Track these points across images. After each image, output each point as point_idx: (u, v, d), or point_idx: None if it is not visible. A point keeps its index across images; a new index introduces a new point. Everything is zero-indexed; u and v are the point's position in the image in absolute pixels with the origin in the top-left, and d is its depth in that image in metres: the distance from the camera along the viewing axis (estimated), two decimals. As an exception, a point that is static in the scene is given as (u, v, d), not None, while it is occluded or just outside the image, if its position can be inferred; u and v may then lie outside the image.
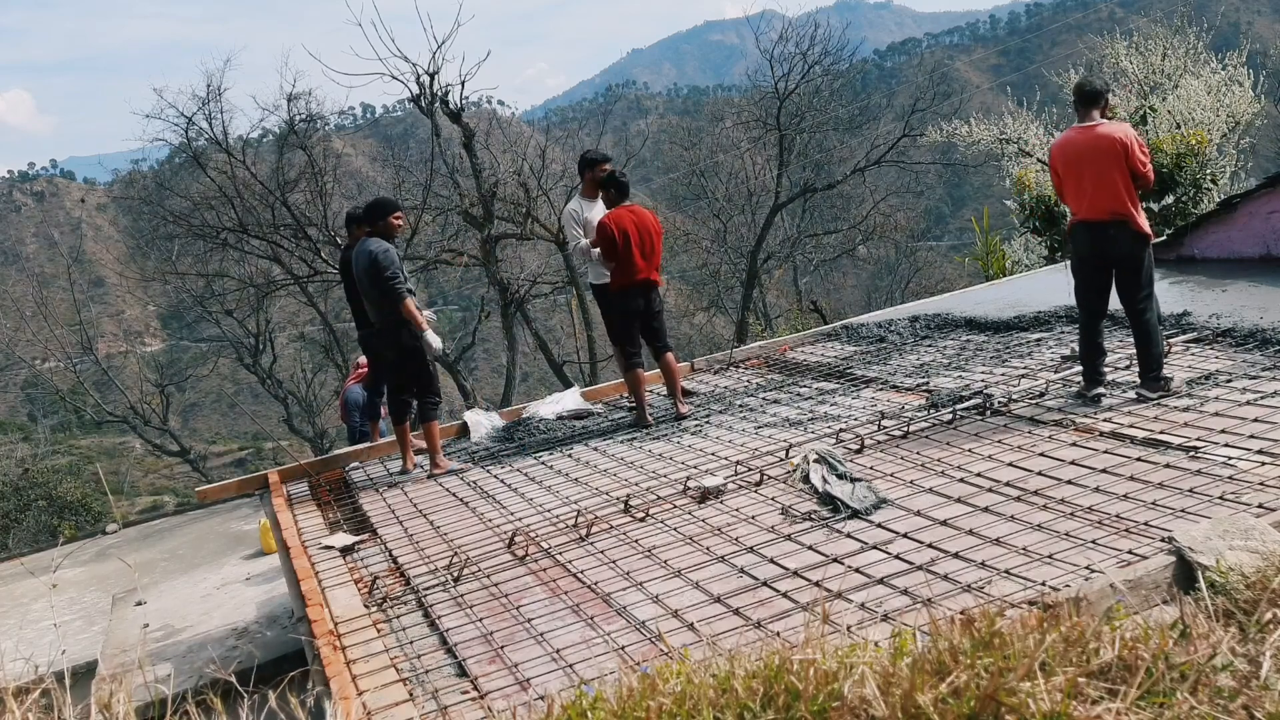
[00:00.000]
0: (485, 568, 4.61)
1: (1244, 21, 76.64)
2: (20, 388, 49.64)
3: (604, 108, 33.49)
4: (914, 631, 2.55)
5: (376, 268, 6.24)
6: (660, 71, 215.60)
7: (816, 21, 22.07)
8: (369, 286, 6.36)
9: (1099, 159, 5.30)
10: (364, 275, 6.35)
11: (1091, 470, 4.49)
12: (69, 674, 2.96)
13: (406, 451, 6.71)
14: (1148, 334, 5.39)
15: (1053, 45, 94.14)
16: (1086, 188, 5.36)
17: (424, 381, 6.54)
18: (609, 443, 6.57)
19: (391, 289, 6.26)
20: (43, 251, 72.54)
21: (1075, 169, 5.41)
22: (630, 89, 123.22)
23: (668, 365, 7.03)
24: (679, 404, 6.95)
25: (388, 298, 6.30)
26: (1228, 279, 7.71)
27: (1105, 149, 5.29)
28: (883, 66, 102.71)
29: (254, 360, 23.82)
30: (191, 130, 18.31)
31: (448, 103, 16.99)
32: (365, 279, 6.35)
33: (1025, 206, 12.85)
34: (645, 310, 6.91)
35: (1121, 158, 5.26)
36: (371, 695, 3.52)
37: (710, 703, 2.15)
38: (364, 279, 6.37)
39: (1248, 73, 13.52)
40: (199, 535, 10.75)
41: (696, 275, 27.64)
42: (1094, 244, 5.43)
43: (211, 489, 7.31)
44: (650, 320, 6.96)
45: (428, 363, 6.49)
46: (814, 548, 4.20)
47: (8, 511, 16.90)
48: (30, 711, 2.53)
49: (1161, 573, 3.16)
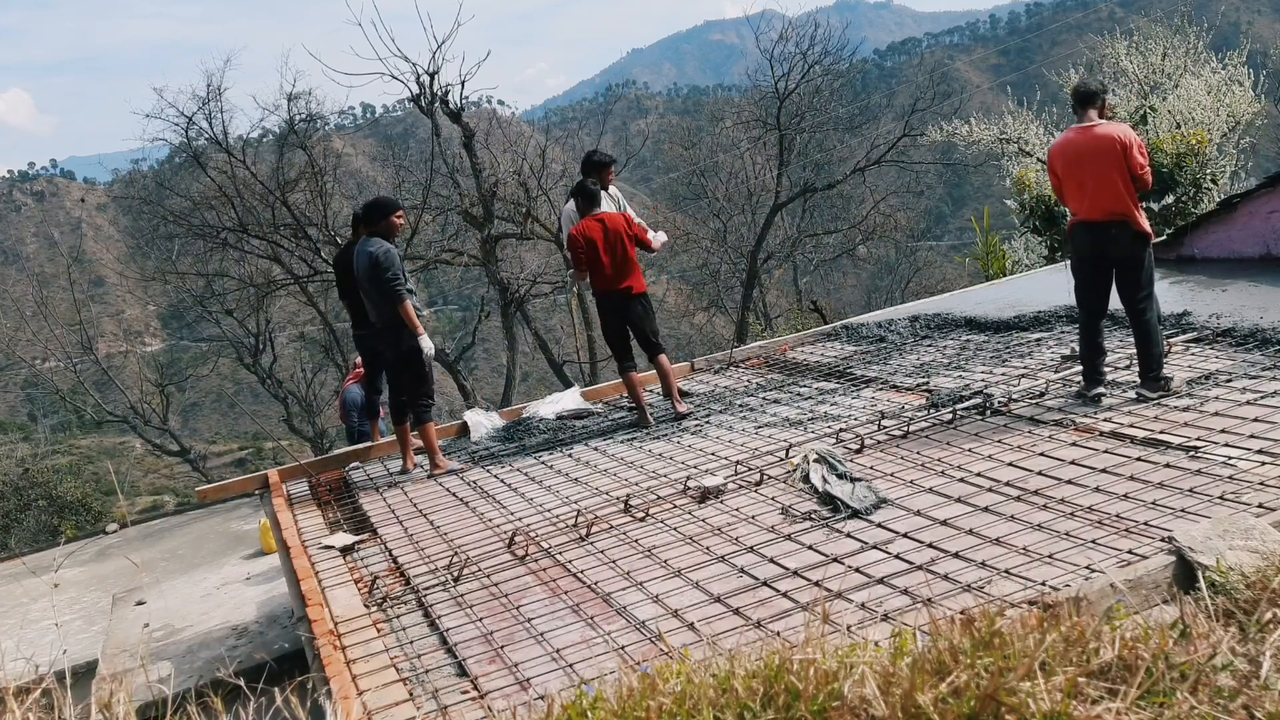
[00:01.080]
0: (485, 568, 4.61)
1: (1244, 21, 76.64)
2: (20, 388, 49.65)
3: (604, 107, 33.54)
4: (914, 631, 2.55)
5: (377, 268, 6.25)
6: (660, 71, 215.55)
7: (816, 21, 22.08)
8: (369, 286, 6.37)
9: (1099, 159, 5.31)
10: (364, 275, 6.36)
11: (1091, 470, 4.49)
12: (69, 674, 2.96)
13: (406, 451, 6.72)
14: (1148, 334, 5.39)
15: (1053, 45, 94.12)
16: (1087, 188, 5.37)
17: (419, 384, 6.54)
18: (609, 443, 6.57)
19: (392, 290, 6.27)
20: (43, 251, 72.55)
21: (1075, 169, 5.42)
22: (630, 89, 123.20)
23: (660, 367, 7.00)
24: (676, 404, 6.94)
25: (388, 299, 6.32)
26: (1228, 279, 7.71)
27: (1105, 149, 5.29)
28: (883, 66, 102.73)
29: (254, 360, 23.81)
30: (191, 130, 18.32)
31: (448, 102, 16.99)
32: (365, 279, 6.37)
33: (1025, 206, 12.85)
34: (625, 318, 6.87)
35: (1120, 158, 5.26)
36: (371, 695, 3.52)
37: (710, 703, 2.15)
38: (364, 279, 6.38)
39: (1248, 72, 13.51)
40: (199, 535, 10.75)
41: (696, 275, 27.63)
42: (1095, 244, 5.43)
43: (211, 489, 7.32)
44: (633, 326, 6.92)
45: (424, 364, 6.50)
46: (814, 547, 4.20)
47: (8, 511, 16.89)
48: (31, 711, 2.53)
49: (1161, 573, 3.16)
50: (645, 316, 6.94)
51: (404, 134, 44.24)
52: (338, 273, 7.47)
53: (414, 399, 6.56)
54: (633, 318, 6.87)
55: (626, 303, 6.82)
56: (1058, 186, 5.64)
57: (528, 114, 71.55)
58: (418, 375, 6.51)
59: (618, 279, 6.75)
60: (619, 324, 6.91)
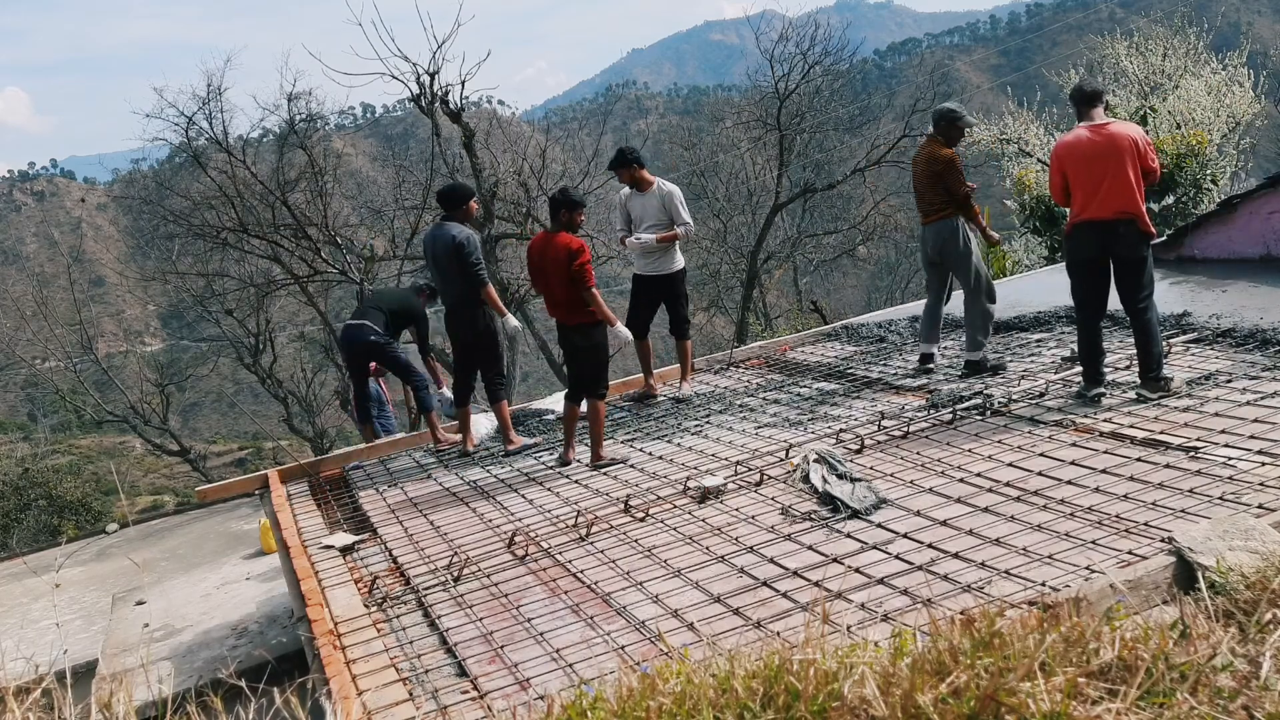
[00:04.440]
0: (485, 568, 4.61)
1: (1244, 22, 76.64)
2: (20, 388, 49.66)
3: (604, 108, 33.52)
4: (914, 631, 2.55)
5: (462, 252, 6.48)
6: (660, 71, 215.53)
7: (816, 21, 22.07)
8: (451, 267, 6.54)
9: (1115, 157, 5.32)
10: (447, 256, 6.53)
11: (1091, 470, 4.49)
12: (69, 674, 2.96)
13: (468, 433, 6.89)
14: (1148, 333, 5.40)
15: (1053, 46, 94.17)
16: (1101, 186, 5.37)
17: (494, 362, 6.74)
18: (609, 443, 6.56)
19: (476, 275, 6.52)
20: (43, 251, 72.58)
21: (1087, 167, 5.41)
22: (630, 89, 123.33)
23: (589, 412, 6.08)
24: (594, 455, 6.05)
25: (470, 281, 6.54)
26: (1228, 279, 7.71)
27: (1122, 147, 5.31)
28: (883, 66, 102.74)
29: (254, 360, 23.79)
30: (191, 130, 18.28)
31: (448, 102, 16.97)
32: (446, 260, 6.55)
33: (1025, 206, 12.86)
34: (565, 348, 6.33)
35: (1135, 155, 5.30)
36: (371, 695, 3.52)
37: (710, 703, 2.15)
38: (446, 260, 6.55)
39: (1248, 73, 13.52)
40: (199, 535, 10.74)
41: (696, 275, 27.61)
42: (1101, 243, 5.44)
43: (211, 489, 7.32)
44: (571, 359, 6.33)
45: (498, 344, 6.76)
46: (814, 548, 4.20)
47: (8, 511, 16.88)
48: (31, 711, 2.53)
49: (1161, 573, 3.16)
50: (583, 353, 6.15)
51: (404, 134, 44.28)
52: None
53: (490, 376, 6.71)
54: (570, 349, 6.26)
55: (565, 334, 6.20)
56: (1059, 185, 5.63)
57: (528, 114, 71.48)
58: (493, 355, 6.72)
59: (552, 308, 6.20)
60: (565, 354, 6.46)
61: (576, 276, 5.88)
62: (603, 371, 6.20)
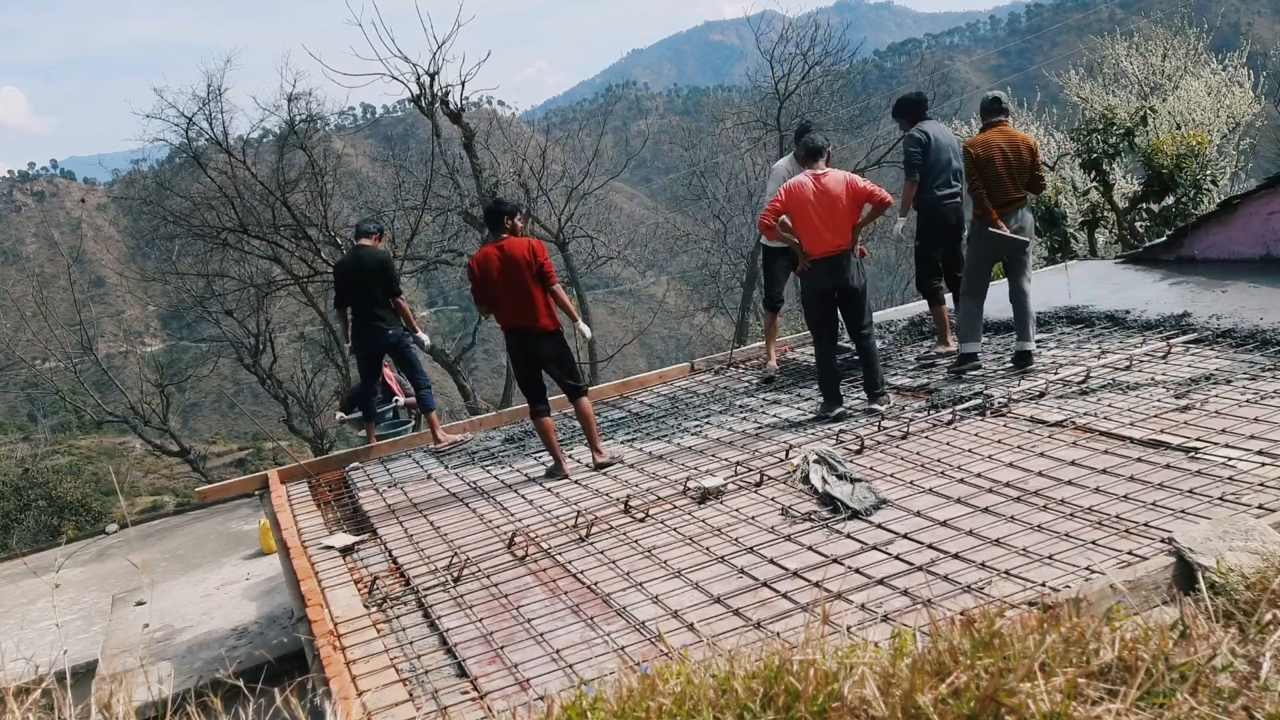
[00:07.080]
0: (485, 568, 4.62)
1: (1244, 22, 76.58)
2: (20, 388, 49.60)
3: (604, 108, 33.53)
4: (914, 632, 2.55)
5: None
6: (660, 72, 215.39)
7: (817, 22, 22.05)
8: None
9: (832, 202, 6.02)
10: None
11: (1091, 471, 4.49)
12: (69, 674, 2.96)
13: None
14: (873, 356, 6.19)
15: (1053, 46, 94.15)
16: (825, 226, 6.05)
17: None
18: (609, 443, 6.56)
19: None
20: (43, 251, 72.58)
21: (810, 210, 6.10)
22: (630, 89, 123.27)
23: (579, 412, 6.15)
24: (595, 453, 6.12)
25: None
26: (1228, 279, 7.71)
27: (837, 194, 6.04)
28: (883, 67, 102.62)
29: (254, 360, 23.78)
30: (192, 130, 18.28)
31: (448, 103, 16.97)
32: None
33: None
34: (532, 357, 6.09)
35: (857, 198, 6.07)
36: (371, 695, 3.52)
37: (710, 703, 2.15)
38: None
39: (1248, 73, 13.51)
40: (199, 535, 10.74)
41: (696, 275, 27.64)
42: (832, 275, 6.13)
43: (211, 489, 7.33)
44: (545, 366, 6.16)
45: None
46: (814, 548, 4.20)
47: (8, 511, 16.87)
48: (31, 711, 2.53)
49: (1161, 573, 3.16)
50: (557, 357, 6.11)
51: (404, 134, 44.26)
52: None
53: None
54: (541, 355, 6.09)
55: (531, 341, 6.04)
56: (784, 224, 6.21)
57: (528, 114, 71.50)
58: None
59: (517, 316, 5.97)
60: (522, 363, 6.14)
61: (544, 274, 5.89)
62: (577, 368, 6.28)
